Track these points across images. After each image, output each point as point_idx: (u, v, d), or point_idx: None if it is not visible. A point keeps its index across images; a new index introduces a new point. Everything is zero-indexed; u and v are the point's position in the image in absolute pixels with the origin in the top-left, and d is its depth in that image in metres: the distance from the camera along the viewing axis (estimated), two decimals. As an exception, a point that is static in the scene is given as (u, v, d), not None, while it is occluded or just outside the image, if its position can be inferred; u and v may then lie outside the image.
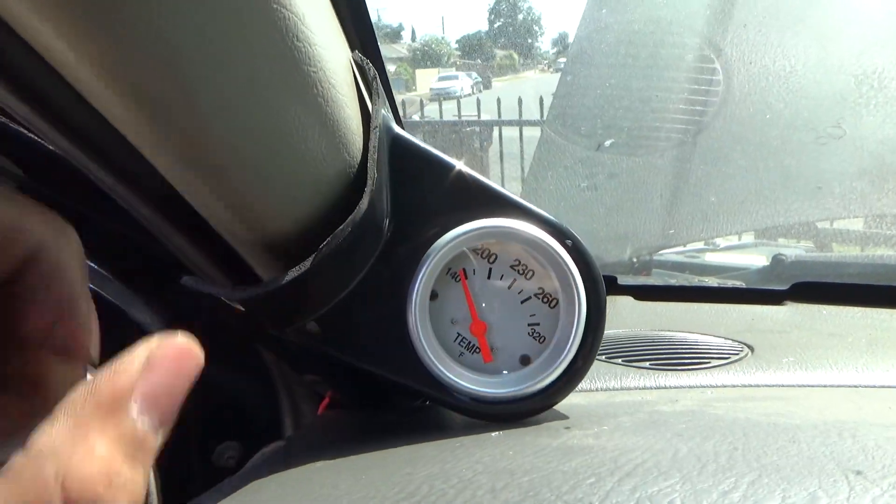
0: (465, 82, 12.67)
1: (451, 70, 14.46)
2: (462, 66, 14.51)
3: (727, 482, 0.33)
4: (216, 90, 0.34)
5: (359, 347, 0.51)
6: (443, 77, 14.21)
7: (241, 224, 0.44)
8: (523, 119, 5.31)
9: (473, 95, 9.14)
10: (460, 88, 11.94)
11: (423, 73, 15.31)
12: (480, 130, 5.72)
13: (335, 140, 0.44)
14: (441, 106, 6.40)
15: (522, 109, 5.33)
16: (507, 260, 0.53)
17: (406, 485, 0.37)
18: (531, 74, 14.57)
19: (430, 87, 12.93)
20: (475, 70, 13.36)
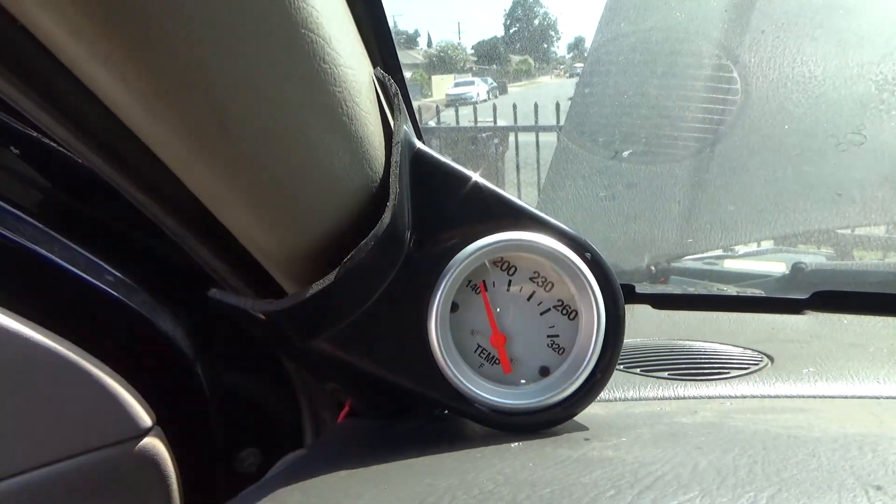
0: (481, 88, 12.67)
1: (467, 76, 14.49)
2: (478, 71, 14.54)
3: (747, 497, 0.33)
4: (247, 112, 0.35)
5: (380, 358, 0.52)
6: (459, 83, 14.23)
7: (266, 238, 0.45)
8: (539, 125, 5.30)
9: (489, 101, 9.14)
10: (476, 94, 11.94)
11: (438, 78, 15.37)
12: (496, 136, 5.73)
13: (358, 156, 0.45)
14: (457, 112, 6.41)
15: (538, 115, 5.33)
16: (527, 272, 0.54)
17: (427, 496, 0.38)
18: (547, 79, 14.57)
19: (447, 92, 12.96)
20: (491, 75, 13.38)
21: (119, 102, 0.34)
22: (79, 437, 0.73)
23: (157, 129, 0.34)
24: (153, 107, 0.33)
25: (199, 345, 0.88)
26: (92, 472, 0.74)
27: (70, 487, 0.73)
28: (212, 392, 0.89)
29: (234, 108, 0.34)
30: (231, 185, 0.39)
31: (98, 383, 0.74)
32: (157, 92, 0.32)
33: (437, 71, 16.48)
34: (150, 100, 0.32)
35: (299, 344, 0.52)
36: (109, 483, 0.76)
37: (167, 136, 0.35)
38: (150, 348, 0.82)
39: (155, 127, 0.34)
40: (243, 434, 0.94)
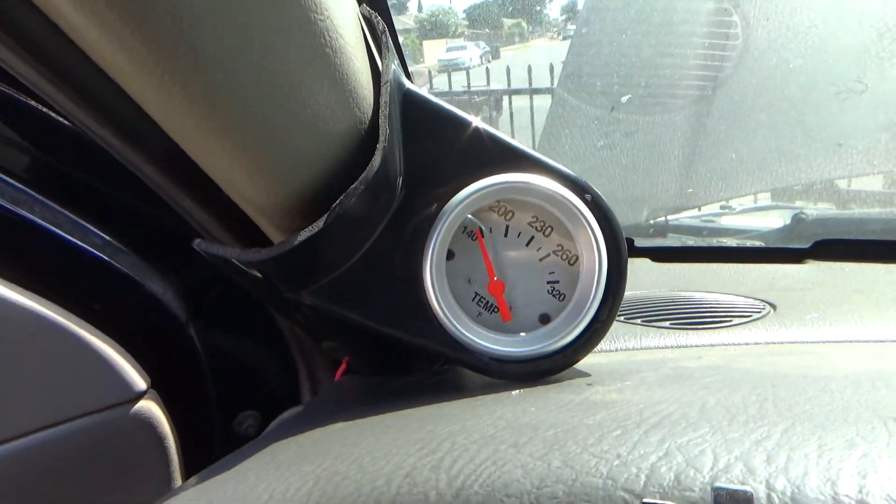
0: (474, 53, 12.51)
1: (459, 41, 14.27)
2: (470, 36, 14.31)
3: (760, 431, 0.31)
4: (218, 39, 0.33)
5: (375, 309, 0.50)
6: (451, 48, 14.04)
7: (250, 184, 0.43)
8: (533, 87, 5.24)
9: (482, 66, 9.02)
10: (469, 59, 11.79)
11: (430, 44, 15.14)
12: (490, 100, 5.66)
13: (345, 95, 0.43)
14: (450, 77, 6.32)
15: (532, 78, 5.25)
16: (525, 217, 0.52)
17: (428, 441, 0.36)
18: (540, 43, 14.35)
19: (439, 58, 12.79)
20: (483, 40, 13.19)
21: (79, 27, 0.31)
22: (72, 401, 0.72)
23: (120, 57, 0.32)
24: (115, 31, 0.30)
25: (191, 307, 0.86)
26: (88, 436, 0.73)
27: (66, 451, 0.72)
28: (206, 354, 0.87)
29: (203, 34, 0.32)
30: (207, 124, 0.37)
31: (89, 347, 0.73)
32: (120, 17, 0.30)
33: (428, 37, 16.22)
34: (112, 24, 0.30)
35: (289, 296, 0.50)
36: (106, 446, 0.75)
37: (131, 66, 0.32)
38: (140, 311, 0.80)
39: (119, 55, 0.32)
40: (240, 396, 0.94)
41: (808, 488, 0.27)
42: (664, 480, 0.29)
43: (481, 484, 0.31)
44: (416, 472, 0.33)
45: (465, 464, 0.33)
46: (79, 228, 0.75)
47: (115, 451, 0.76)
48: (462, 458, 0.33)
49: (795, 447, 0.29)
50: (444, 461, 0.33)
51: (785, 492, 0.27)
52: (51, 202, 0.73)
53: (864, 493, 0.26)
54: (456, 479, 0.32)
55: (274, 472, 0.37)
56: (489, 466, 0.32)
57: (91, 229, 0.76)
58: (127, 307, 0.79)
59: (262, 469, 0.39)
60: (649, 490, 0.28)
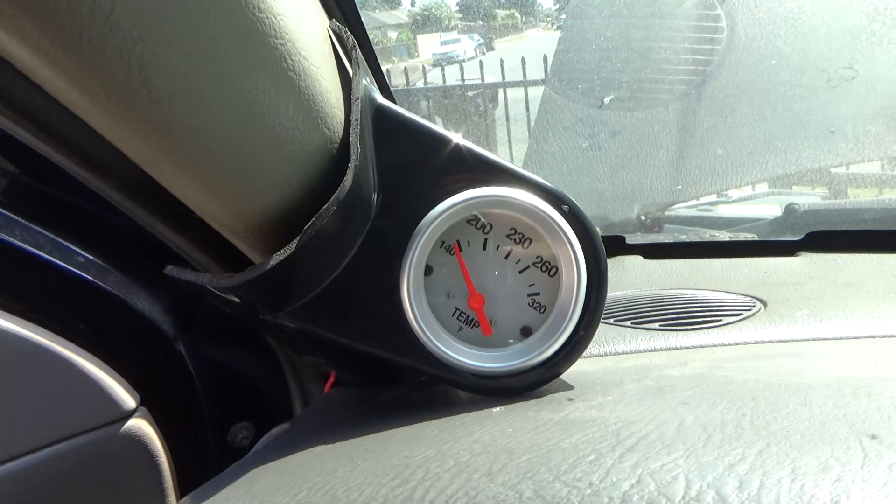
0: (468, 45, 12.45)
1: (453, 34, 14.22)
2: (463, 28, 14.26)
3: (734, 454, 0.31)
4: (171, 71, 0.32)
5: (352, 328, 0.49)
6: (445, 41, 13.99)
7: (219, 208, 0.42)
8: (528, 79, 5.21)
9: (477, 58, 8.99)
10: (463, 52, 11.74)
11: (424, 38, 15.09)
12: (484, 93, 5.64)
13: (312, 115, 0.42)
14: (444, 71, 6.29)
15: (527, 69, 5.23)
16: (503, 229, 0.51)
17: (402, 469, 0.36)
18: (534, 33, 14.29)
19: (433, 52, 12.74)
20: (477, 32, 13.14)
21: (27, 63, 0.30)
22: (60, 423, 0.72)
23: (72, 92, 0.31)
24: (61, 67, 0.30)
25: (180, 321, 0.86)
26: (78, 457, 0.73)
27: (56, 473, 0.72)
28: (197, 369, 0.87)
29: (155, 67, 0.31)
30: (168, 152, 0.36)
31: (75, 368, 0.72)
32: (65, 53, 0.29)
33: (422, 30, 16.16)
34: (59, 61, 0.29)
35: (267, 318, 0.49)
36: (97, 466, 0.74)
37: (83, 100, 0.32)
38: (127, 329, 0.80)
39: (70, 90, 0.31)
40: (233, 409, 0.93)
41: (780, 517, 0.26)
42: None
43: (452, 517, 0.30)
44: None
45: (437, 495, 0.32)
46: (60, 248, 0.74)
47: (106, 471, 0.75)
48: (434, 487, 0.33)
49: (769, 471, 0.29)
50: (417, 492, 0.33)
51: (756, 521, 0.26)
52: (30, 223, 0.72)
53: (836, 520, 0.26)
54: (427, 511, 0.31)
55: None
56: (461, 498, 0.31)
57: (73, 249, 0.75)
58: (113, 325, 0.79)
59: (238, 500, 0.38)
60: (620, 521, 0.28)
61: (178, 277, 0.45)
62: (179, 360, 0.85)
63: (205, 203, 0.42)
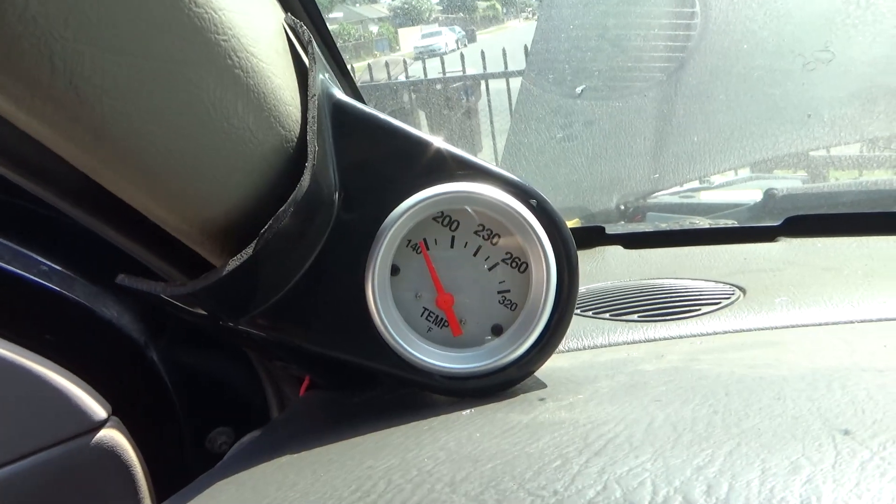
0: (449, 38, 12.41)
1: (434, 26, 14.14)
2: (444, 21, 14.18)
3: (703, 455, 0.30)
4: (100, 71, 0.30)
5: (318, 333, 0.48)
6: (426, 34, 13.92)
7: (168, 212, 0.40)
8: (509, 70, 5.19)
9: (458, 50, 8.96)
10: (444, 44, 11.69)
11: (405, 31, 15.01)
12: (466, 86, 5.60)
13: (264, 114, 0.40)
14: (425, 64, 6.26)
15: (508, 61, 5.20)
16: (470, 226, 0.50)
17: (364, 481, 0.34)
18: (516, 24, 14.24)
19: (414, 45, 12.68)
20: (458, 24, 13.09)
21: None
22: (29, 436, 0.70)
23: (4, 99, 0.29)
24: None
25: (151, 328, 0.84)
26: (49, 471, 0.71)
27: (28, 488, 0.70)
28: (170, 375, 0.85)
29: (82, 67, 0.29)
30: (105, 157, 0.34)
31: (42, 380, 0.70)
32: None
33: (403, 24, 16.06)
34: None
35: (229, 325, 0.48)
36: (69, 479, 0.73)
37: (9, 104, 0.30)
38: (95, 338, 0.78)
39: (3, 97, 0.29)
40: (210, 414, 0.91)
41: (749, 522, 0.25)
42: (600, 520, 0.27)
43: (412, 532, 0.29)
44: (347, 520, 0.31)
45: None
46: (21, 258, 0.72)
47: (78, 483, 0.74)
48: (396, 499, 0.31)
49: (738, 473, 0.28)
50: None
51: (724, 528, 0.25)
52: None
53: (807, 525, 0.25)
54: (387, 526, 0.30)
55: (206, 523, 0.35)
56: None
57: (34, 258, 0.73)
58: (80, 335, 0.77)
59: (197, 518, 0.37)
60: (584, 532, 0.27)
61: (130, 287, 0.44)
62: (152, 366, 0.84)
63: (153, 208, 0.41)
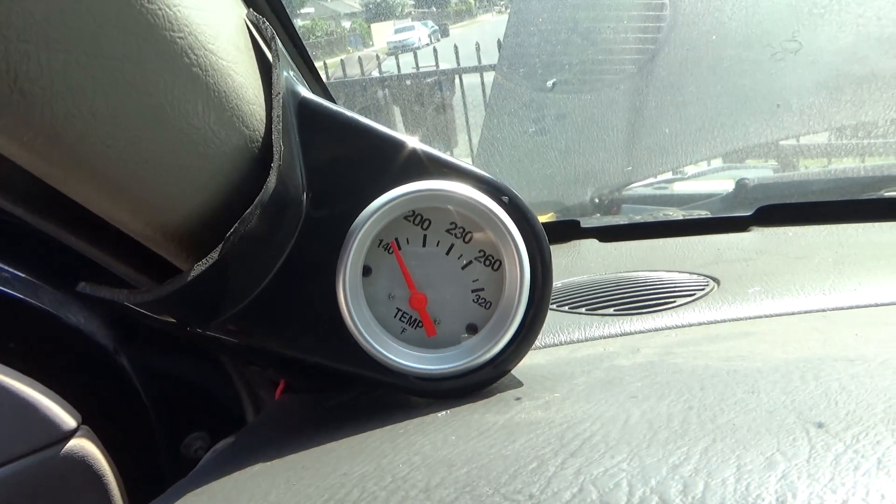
0: (422, 32, 12.33)
1: (407, 21, 14.06)
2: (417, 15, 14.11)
3: (678, 453, 0.30)
4: (46, 67, 0.29)
5: (289, 336, 0.47)
6: (399, 29, 13.83)
7: (130, 217, 0.39)
8: (483, 65, 5.18)
9: (431, 45, 8.91)
10: (418, 39, 11.62)
11: (378, 26, 14.90)
12: (440, 80, 5.58)
13: (226, 113, 0.39)
14: (398, 59, 6.22)
15: (482, 55, 5.19)
16: (443, 224, 0.49)
17: (338, 490, 0.34)
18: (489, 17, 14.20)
19: (387, 40, 12.60)
20: (431, 18, 13.02)
21: None
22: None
23: None
24: None
25: (121, 334, 0.82)
26: (17, 483, 0.69)
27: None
28: (142, 381, 0.84)
29: (26, 66, 0.28)
30: (59, 161, 0.33)
31: (7, 390, 0.68)
32: None
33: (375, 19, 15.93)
34: None
35: (198, 330, 0.46)
36: (39, 491, 0.71)
37: None
38: (62, 345, 0.76)
39: None
40: (185, 419, 0.90)
41: (725, 521, 0.25)
42: (576, 523, 0.26)
43: (386, 540, 0.29)
44: (320, 531, 0.30)
45: (372, 516, 0.30)
46: (-19, 266, 0.70)
47: (49, 495, 0.72)
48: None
49: (713, 471, 0.28)
50: (351, 514, 0.31)
51: (701, 527, 0.25)
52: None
53: (783, 522, 0.24)
54: (360, 536, 0.29)
55: (174, 537, 0.34)
56: (396, 518, 0.29)
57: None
58: (46, 342, 0.75)
59: (165, 532, 0.36)
60: (560, 536, 0.26)
61: (91, 293, 0.42)
62: (122, 373, 0.82)
63: (113, 213, 0.39)
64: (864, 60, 1.34)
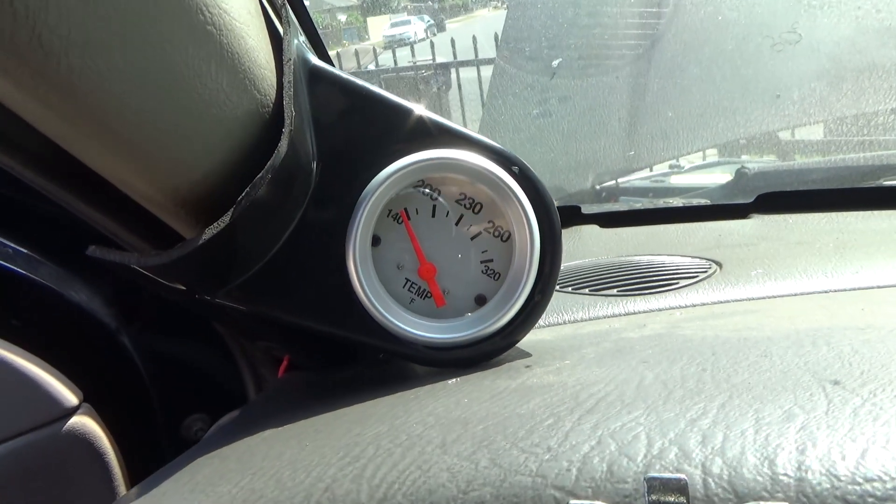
0: (419, 26, 12.31)
1: (403, 15, 14.03)
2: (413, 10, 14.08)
3: (696, 408, 0.30)
4: (63, 17, 0.28)
5: (299, 305, 0.47)
6: (395, 23, 13.79)
7: (140, 180, 0.39)
8: (479, 58, 5.18)
9: (428, 39, 8.90)
10: (414, 33, 11.60)
11: (374, 20, 14.85)
12: (437, 74, 5.58)
13: (239, 76, 0.39)
14: (395, 53, 6.21)
15: (478, 49, 5.19)
16: (452, 195, 0.49)
17: (352, 447, 0.34)
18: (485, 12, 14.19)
19: (383, 34, 12.57)
20: (427, 13, 13.00)
21: None
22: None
23: None
24: None
25: (122, 312, 0.81)
26: (19, 459, 0.69)
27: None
28: (143, 360, 0.83)
29: (47, 17, 0.28)
30: (73, 118, 0.33)
31: (9, 366, 0.68)
32: None
33: (371, 13, 15.87)
34: None
35: (206, 298, 0.46)
36: (40, 467, 0.71)
37: None
38: (65, 322, 0.76)
39: None
40: (185, 400, 0.90)
41: (746, 469, 0.25)
42: (596, 473, 0.27)
43: (405, 493, 0.29)
44: (337, 485, 0.30)
45: (389, 471, 0.30)
46: (-18, 240, 0.69)
47: (50, 472, 0.72)
48: (386, 464, 0.31)
49: (732, 424, 0.28)
50: (367, 469, 0.31)
51: (721, 475, 0.25)
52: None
53: (804, 469, 0.24)
54: (378, 489, 0.29)
55: (189, 496, 0.34)
56: (414, 472, 0.30)
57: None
58: (49, 319, 0.75)
59: (178, 492, 0.36)
60: (581, 485, 0.26)
61: (103, 258, 0.42)
62: (124, 352, 0.81)
63: (125, 175, 0.39)
64: (863, 51, 1.35)
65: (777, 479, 0.24)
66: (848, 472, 0.24)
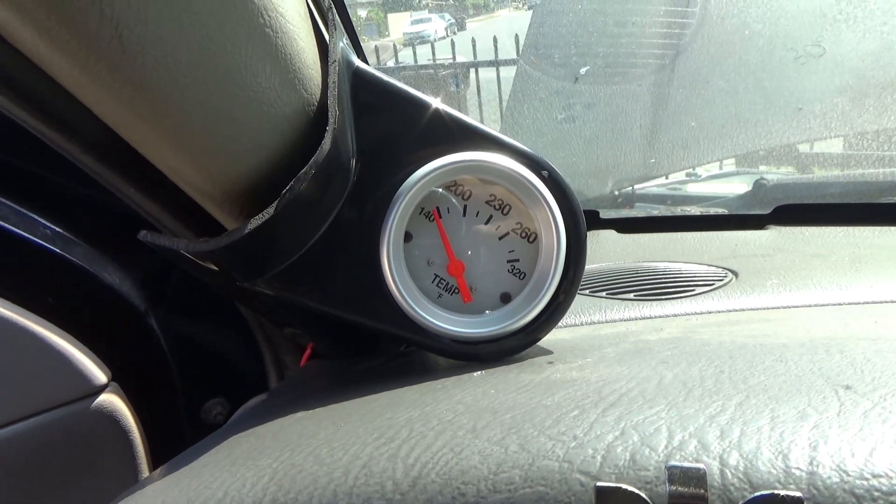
0: (439, 25, 12.29)
1: (424, 12, 14.02)
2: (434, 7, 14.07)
3: (714, 406, 0.31)
4: (144, 22, 0.31)
5: (333, 295, 0.49)
6: (416, 20, 13.77)
7: (193, 171, 0.41)
8: (499, 59, 5.19)
9: (448, 38, 8.90)
10: (434, 31, 11.58)
11: (395, 17, 14.87)
12: (456, 73, 5.59)
13: (289, 76, 0.41)
14: (415, 50, 6.22)
15: (498, 49, 5.20)
16: (483, 196, 0.51)
17: (386, 430, 0.36)
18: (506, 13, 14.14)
19: (403, 31, 12.56)
20: (448, 11, 12.99)
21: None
22: (29, 398, 0.70)
23: (39, 42, 0.30)
24: (28, 11, 0.28)
25: (151, 296, 0.84)
26: (47, 433, 0.71)
27: (27, 448, 0.70)
28: (169, 344, 0.86)
29: (127, 16, 0.30)
30: (140, 109, 0.35)
31: (43, 343, 0.71)
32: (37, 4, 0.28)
33: (392, 9, 15.89)
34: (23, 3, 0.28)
35: (245, 285, 0.48)
36: (68, 442, 0.73)
37: (51, 51, 0.31)
38: (96, 303, 0.78)
39: (37, 40, 0.30)
40: (207, 384, 0.92)
41: (761, 462, 0.27)
42: (620, 461, 0.28)
43: (438, 472, 0.31)
44: (373, 462, 0.32)
45: (423, 452, 0.32)
46: (25, 220, 0.72)
47: (77, 447, 0.74)
48: (419, 445, 0.33)
49: (749, 420, 0.29)
50: (402, 449, 0.33)
51: (738, 467, 0.27)
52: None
53: (815, 464, 0.26)
54: (413, 467, 0.31)
55: (230, 469, 0.36)
56: (446, 453, 0.32)
57: (39, 221, 0.73)
58: (82, 300, 0.77)
59: (218, 465, 0.38)
60: (605, 471, 0.28)
61: (153, 243, 0.44)
62: (151, 334, 0.84)
63: (179, 166, 0.41)
64: (887, 67, 1.35)
65: (790, 471, 0.26)
66: (857, 468, 0.26)
